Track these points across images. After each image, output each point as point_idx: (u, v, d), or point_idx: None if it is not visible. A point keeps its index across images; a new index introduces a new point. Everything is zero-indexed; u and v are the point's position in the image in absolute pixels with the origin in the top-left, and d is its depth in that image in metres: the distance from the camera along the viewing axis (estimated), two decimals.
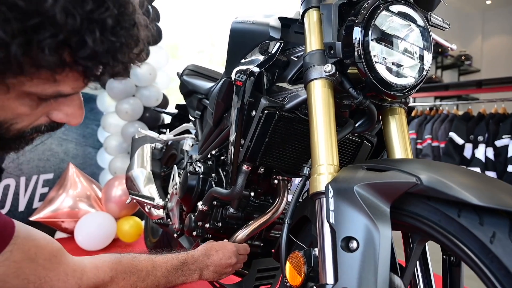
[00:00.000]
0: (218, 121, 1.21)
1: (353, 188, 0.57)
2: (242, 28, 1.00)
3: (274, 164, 0.90)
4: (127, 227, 2.25)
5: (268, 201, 1.09)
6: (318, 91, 0.72)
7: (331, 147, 0.68)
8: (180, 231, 1.30)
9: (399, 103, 0.81)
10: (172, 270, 0.86)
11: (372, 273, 0.53)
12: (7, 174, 2.17)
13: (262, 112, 0.83)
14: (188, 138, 1.48)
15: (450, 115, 3.53)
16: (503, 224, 0.44)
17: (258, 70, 0.84)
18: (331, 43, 0.73)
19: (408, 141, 0.79)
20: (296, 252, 0.67)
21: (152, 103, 2.64)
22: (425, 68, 0.75)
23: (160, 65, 2.73)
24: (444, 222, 0.50)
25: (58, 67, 0.45)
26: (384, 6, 0.71)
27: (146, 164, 1.64)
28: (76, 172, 2.37)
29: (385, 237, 0.54)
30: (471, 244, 0.46)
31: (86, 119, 2.67)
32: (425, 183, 0.50)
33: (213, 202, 1.05)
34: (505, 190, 0.48)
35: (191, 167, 1.17)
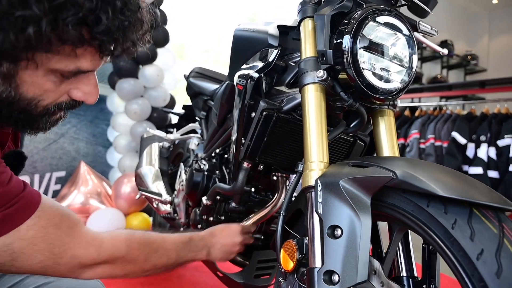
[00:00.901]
0: (222, 121, 1.29)
1: (339, 182, 0.64)
2: (244, 36, 1.07)
3: (273, 161, 0.98)
4: (136, 223, 2.34)
5: (268, 196, 1.16)
6: (311, 94, 0.79)
7: (322, 146, 0.75)
8: (186, 225, 1.38)
9: (388, 105, 0.87)
10: (180, 245, 0.88)
11: (353, 257, 0.59)
12: (22, 171, 2.27)
13: (261, 113, 0.90)
14: (194, 138, 1.55)
15: (453, 115, 3.56)
16: (464, 212, 0.51)
17: (257, 76, 0.92)
18: (323, 51, 0.80)
19: (395, 141, 0.86)
20: (289, 241, 0.74)
21: (159, 104, 2.73)
22: (410, 73, 0.82)
23: (167, 67, 2.81)
24: (416, 211, 0.57)
25: (79, 42, 0.53)
26: (372, 17, 0.78)
27: (154, 162, 1.73)
28: (87, 170, 2.46)
29: (366, 225, 0.60)
30: (437, 230, 0.53)
31: (96, 119, 2.77)
32: (400, 177, 0.57)
33: (217, 197, 1.13)
34: (469, 183, 0.55)
35: (196, 164, 1.25)
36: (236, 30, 1.11)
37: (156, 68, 2.66)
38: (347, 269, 0.60)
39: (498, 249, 0.45)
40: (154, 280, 1.79)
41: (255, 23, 1.15)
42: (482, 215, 0.50)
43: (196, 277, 1.83)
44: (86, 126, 2.71)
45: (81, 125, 2.66)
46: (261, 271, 1.10)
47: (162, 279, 1.81)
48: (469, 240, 0.48)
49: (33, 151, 2.34)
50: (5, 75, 0.53)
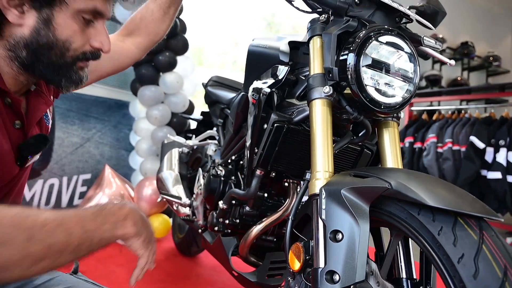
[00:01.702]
0: (238, 129, 1.37)
1: (340, 191, 0.71)
2: (257, 51, 1.15)
3: (284, 169, 1.05)
4: (157, 224, 2.45)
5: (280, 201, 1.23)
6: (318, 109, 0.86)
7: (327, 156, 0.81)
8: (204, 227, 1.47)
9: (392, 117, 0.93)
10: (87, 215, 0.63)
11: (352, 259, 0.66)
12: (51, 174, 2.42)
13: (272, 125, 0.98)
14: (212, 144, 1.64)
15: (472, 119, 3.53)
16: (449, 220, 0.57)
17: (269, 91, 0.99)
18: (330, 68, 0.86)
19: (398, 151, 0.92)
20: (297, 243, 0.81)
21: (179, 109, 2.84)
22: (412, 88, 0.87)
23: (186, 73, 2.92)
24: (409, 219, 0.63)
25: None
26: (375, 36, 0.84)
27: (174, 167, 1.83)
28: (112, 173, 2.59)
29: (364, 230, 0.67)
30: (426, 236, 0.59)
31: (119, 124, 2.91)
32: (394, 188, 0.63)
33: (232, 201, 1.21)
34: (457, 194, 0.61)
35: (213, 170, 1.33)
36: (250, 45, 1.19)
37: (175, 75, 2.77)
38: (346, 270, 0.66)
39: (476, 254, 0.51)
40: (173, 279, 1.89)
41: (269, 38, 1.23)
42: (465, 223, 0.55)
43: (213, 277, 1.91)
44: (110, 131, 2.85)
45: (105, 130, 2.80)
46: (274, 271, 1.17)
47: (181, 278, 1.90)
48: (452, 246, 0.54)
49: (61, 155, 2.49)
50: (45, 20, 0.67)
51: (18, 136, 0.74)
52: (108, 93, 2.80)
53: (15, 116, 0.73)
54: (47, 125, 0.85)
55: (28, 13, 0.67)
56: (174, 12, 1.06)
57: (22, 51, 0.69)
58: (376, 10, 0.90)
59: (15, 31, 0.68)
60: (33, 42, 0.69)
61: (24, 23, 0.68)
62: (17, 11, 0.67)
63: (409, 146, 3.75)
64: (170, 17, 1.05)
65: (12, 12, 0.66)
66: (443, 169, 3.48)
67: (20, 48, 0.69)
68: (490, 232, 0.54)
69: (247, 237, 1.12)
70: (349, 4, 0.89)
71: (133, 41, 1.02)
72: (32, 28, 0.68)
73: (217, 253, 1.32)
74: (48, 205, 2.41)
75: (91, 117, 2.69)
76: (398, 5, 0.91)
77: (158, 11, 1.02)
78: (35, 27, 0.68)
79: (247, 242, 1.12)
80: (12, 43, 0.69)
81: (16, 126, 0.73)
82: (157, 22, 1.02)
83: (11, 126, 0.72)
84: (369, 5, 0.90)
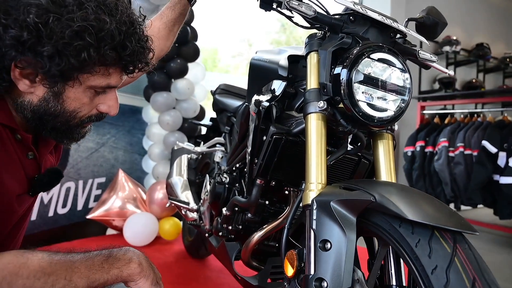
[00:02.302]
0: (242, 138, 1.42)
1: (330, 203, 0.75)
2: (258, 65, 1.20)
3: (283, 178, 1.09)
4: (168, 227, 2.52)
5: (282, 207, 1.27)
6: (313, 123, 0.90)
7: (320, 169, 0.85)
8: (210, 231, 1.52)
9: (386, 129, 0.97)
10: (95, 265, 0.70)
11: (340, 267, 0.70)
12: (68, 178, 2.53)
13: (271, 137, 1.03)
14: (218, 151, 1.70)
15: (485, 123, 3.49)
16: (427, 233, 0.60)
17: (267, 105, 1.04)
18: (324, 83, 0.91)
19: (392, 163, 0.95)
20: (292, 251, 0.85)
21: (190, 115, 2.92)
22: (403, 103, 0.90)
23: (197, 80, 3.00)
24: (392, 230, 0.67)
25: (113, 63, 0.70)
26: (367, 54, 0.87)
27: (183, 173, 1.89)
28: (125, 177, 2.68)
29: (351, 240, 0.71)
30: (406, 247, 0.63)
31: (133, 129, 3.00)
32: (378, 201, 0.67)
33: (235, 208, 1.26)
34: (437, 208, 0.64)
35: (218, 177, 1.39)
36: (252, 59, 1.24)
37: (187, 81, 2.85)
38: (334, 277, 0.70)
39: (448, 266, 0.55)
40: (182, 280, 1.95)
41: (271, 51, 1.27)
42: (440, 236, 0.59)
43: (221, 279, 1.97)
44: (124, 135, 2.95)
45: (119, 135, 2.90)
46: (275, 275, 1.22)
47: (190, 280, 1.96)
48: (427, 257, 0.57)
49: (77, 159, 2.59)
50: (56, 93, 0.70)
51: (32, 166, 0.78)
52: (122, 99, 2.89)
53: (27, 149, 0.77)
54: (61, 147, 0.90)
55: (39, 84, 0.69)
56: (177, 30, 1.12)
57: (28, 113, 0.72)
58: (370, 27, 0.94)
59: (24, 95, 0.71)
60: (40, 110, 0.71)
61: (33, 91, 0.70)
62: (28, 81, 0.69)
63: (420, 150, 3.74)
64: (174, 34, 1.11)
65: (23, 82, 0.68)
66: (455, 174, 3.45)
67: (27, 111, 0.71)
68: (464, 245, 0.58)
69: (249, 243, 1.17)
70: (344, 21, 0.93)
71: None
72: (41, 98, 0.70)
73: (222, 257, 1.38)
74: (65, 208, 2.52)
75: (105, 122, 2.79)
76: (391, 22, 0.94)
77: (164, 29, 1.08)
78: (44, 98, 0.70)
79: (248, 247, 1.17)
80: (19, 104, 0.71)
81: (30, 157, 0.77)
82: (163, 40, 1.08)
83: (24, 157, 0.76)
84: (364, 22, 0.94)
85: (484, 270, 0.55)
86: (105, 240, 2.60)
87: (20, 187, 0.75)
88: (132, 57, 0.72)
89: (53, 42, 0.63)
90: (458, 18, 4.98)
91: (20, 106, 0.71)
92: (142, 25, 0.76)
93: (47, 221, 2.42)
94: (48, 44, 0.63)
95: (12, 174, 0.72)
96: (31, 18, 0.62)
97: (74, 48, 0.64)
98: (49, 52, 0.63)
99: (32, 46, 0.63)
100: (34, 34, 0.63)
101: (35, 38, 0.63)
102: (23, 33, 0.62)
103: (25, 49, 0.64)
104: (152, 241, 2.51)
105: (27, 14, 0.62)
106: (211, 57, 5.37)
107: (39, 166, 0.80)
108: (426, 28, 1.09)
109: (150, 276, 0.74)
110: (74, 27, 0.64)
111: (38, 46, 0.63)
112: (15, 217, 0.78)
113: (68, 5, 0.65)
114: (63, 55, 0.64)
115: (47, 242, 2.33)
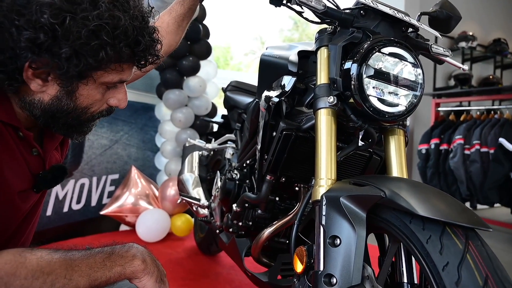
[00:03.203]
0: (253, 135, 1.42)
1: (339, 198, 0.74)
2: (268, 61, 1.19)
3: (293, 174, 1.09)
4: (179, 223, 2.55)
5: (293, 204, 1.27)
6: (323, 118, 0.89)
7: (330, 164, 0.85)
8: (221, 228, 1.53)
9: (397, 125, 0.95)
10: (97, 262, 0.68)
11: (349, 263, 0.69)
12: (82, 174, 2.57)
13: (281, 133, 1.02)
14: (229, 148, 1.70)
15: (502, 120, 3.41)
16: (438, 229, 0.59)
17: (277, 100, 1.03)
18: (334, 78, 0.90)
19: (403, 159, 0.94)
20: (301, 247, 0.85)
21: (202, 112, 2.93)
22: (415, 99, 0.89)
23: (209, 77, 3.01)
24: (402, 226, 0.66)
25: (128, 60, 0.71)
26: (378, 48, 0.86)
27: (194, 169, 1.90)
28: (138, 174, 2.71)
29: (361, 236, 0.70)
30: (417, 243, 0.62)
31: (145, 127, 3.03)
32: (388, 196, 0.66)
33: (245, 204, 1.26)
34: (449, 203, 0.63)
35: (229, 174, 1.39)
36: (262, 55, 1.23)
37: (199, 79, 2.86)
38: (343, 273, 0.70)
39: (460, 263, 0.54)
40: (193, 276, 1.97)
41: (281, 46, 1.27)
42: (452, 233, 0.58)
43: (231, 276, 1.98)
44: (137, 133, 2.98)
45: (132, 132, 2.93)
46: (285, 272, 1.22)
47: (201, 276, 1.98)
48: (438, 254, 0.56)
49: (91, 156, 2.63)
50: (69, 92, 0.70)
51: (37, 162, 0.78)
52: (135, 96, 2.93)
53: (31, 146, 0.76)
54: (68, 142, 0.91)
55: (52, 83, 0.68)
56: (186, 25, 1.12)
57: (37, 111, 0.70)
58: (381, 21, 0.92)
59: (34, 94, 0.69)
60: (52, 108, 0.70)
61: (45, 90, 0.69)
62: (41, 80, 0.67)
63: (435, 148, 3.67)
64: (183, 29, 1.11)
65: (35, 82, 0.67)
66: (470, 172, 3.39)
67: (37, 109, 0.70)
68: (476, 242, 0.57)
69: (259, 239, 1.17)
70: (354, 16, 0.92)
71: None
72: (53, 97, 0.69)
73: (232, 253, 1.38)
74: (80, 204, 2.56)
75: (119, 120, 2.82)
76: (403, 16, 0.93)
77: (173, 24, 1.09)
78: (56, 96, 0.69)
79: (258, 243, 1.17)
80: (28, 102, 0.70)
81: (34, 153, 0.76)
82: (172, 35, 1.09)
83: (29, 154, 0.75)
84: (374, 16, 0.92)
85: (497, 267, 0.53)
86: (118, 236, 2.64)
87: (23, 184, 0.75)
88: (145, 52, 0.73)
89: (70, 43, 0.62)
90: (474, 13, 4.87)
91: (29, 105, 0.70)
92: (150, 17, 0.76)
93: (62, 216, 2.47)
94: (65, 45, 0.62)
95: (14, 171, 0.72)
96: (46, 19, 0.61)
97: (91, 48, 0.64)
98: (67, 53, 0.63)
99: (48, 47, 0.62)
100: (50, 35, 0.62)
101: (51, 39, 0.62)
102: (39, 34, 0.61)
103: (42, 51, 0.63)
104: (164, 237, 2.53)
105: (41, 14, 0.61)
106: (223, 55, 5.37)
107: (44, 162, 0.79)
108: (439, 22, 1.07)
109: (155, 273, 0.72)
110: (91, 27, 0.63)
111: (55, 47, 0.62)
112: (20, 214, 0.78)
113: (82, 3, 0.63)
114: (81, 55, 0.64)
115: (61, 237, 2.38)
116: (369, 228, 0.74)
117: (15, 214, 0.77)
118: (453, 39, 4.61)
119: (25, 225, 0.83)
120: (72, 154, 2.49)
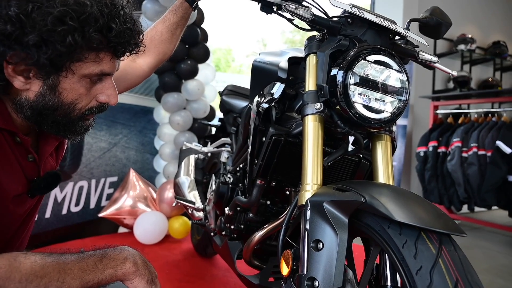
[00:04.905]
0: (246, 139, 1.44)
1: (323, 203, 0.76)
2: (260, 67, 1.22)
3: (283, 179, 1.11)
4: (177, 225, 2.57)
5: (285, 208, 1.29)
6: (310, 124, 0.91)
7: (316, 170, 0.87)
8: (215, 230, 1.55)
9: (384, 131, 0.97)
10: (89, 266, 0.70)
11: (331, 267, 0.71)
12: (81, 177, 2.60)
13: (270, 138, 1.04)
14: (224, 151, 1.72)
15: (499, 123, 3.42)
16: (413, 234, 0.61)
17: (266, 106, 1.06)
18: (321, 85, 0.92)
19: (390, 164, 0.95)
20: (287, 250, 0.87)
21: (200, 115, 2.95)
22: (401, 104, 0.91)
23: (207, 80, 3.04)
24: (381, 231, 0.67)
25: (100, 46, 0.71)
26: (363, 56, 0.88)
27: (190, 173, 1.93)
28: (136, 176, 2.74)
29: (342, 240, 0.72)
30: (394, 247, 0.63)
31: (144, 129, 3.06)
32: (368, 202, 0.68)
33: (237, 208, 1.28)
34: (426, 209, 0.65)
35: (223, 178, 1.41)
36: (254, 61, 1.26)
37: (197, 82, 2.88)
38: (325, 277, 0.72)
39: (432, 267, 0.55)
40: (190, 278, 1.99)
41: (273, 52, 1.29)
42: (427, 238, 0.60)
43: (227, 278, 2.00)
44: (136, 135, 3.01)
45: (131, 135, 2.96)
46: (276, 274, 1.23)
47: (197, 278, 2.00)
48: (413, 258, 0.58)
49: (90, 159, 2.66)
50: (51, 86, 0.71)
51: (32, 168, 0.80)
52: (134, 100, 2.96)
53: (27, 151, 0.78)
54: (64, 146, 0.92)
55: (34, 79, 0.70)
56: (180, 33, 1.14)
57: (27, 110, 0.73)
58: (368, 29, 0.94)
59: (21, 93, 0.72)
60: (38, 106, 0.72)
61: (29, 88, 0.71)
62: (23, 77, 0.69)
63: (433, 150, 3.68)
64: (176, 38, 1.14)
65: (18, 79, 0.69)
66: (468, 174, 3.40)
67: (25, 108, 0.72)
68: (449, 247, 0.58)
69: (250, 242, 1.19)
70: (342, 24, 0.94)
71: (143, 61, 1.10)
72: (37, 93, 0.71)
73: (225, 256, 1.40)
74: (78, 206, 2.59)
75: (117, 123, 2.85)
76: (389, 24, 0.94)
77: (167, 33, 1.11)
78: (40, 92, 0.71)
79: (250, 246, 1.19)
80: (17, 103, 0.72)
81: (30, 159, 0.78)
82: (166, 43, 1.11)
83: (25, 160, 0.77)
84: (361, 24, 0.94)
85: (468, 272, 0.55)
86: (116, 238, 2.66)
87: (18, 188, 0.77)
88: (119, 38, 0.72)
89: (36, 31, 0.64)
90: (473, 15, 4.88)
91: (19, 105, 0.72)
92: (127, 8, 0.76)
93: (60, 219, 2.49)
94: (32, 33, 0.64)
95: (9, 175, 0.74)
96: (13, 11, 0.63)
97: (58, 33, 0.65)
98: (34, 40, 0.64)
99: (17, 38, 0.64)
100: (17, 26, 0.63)
101: (19, 29, 0.64)
102: (6, 26, 0.63)
103: (12, 43, 0.64)
104: (162, 240, 2.56)
105: (8, 7, 0.63)
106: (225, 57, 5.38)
107: (39, 169, 0.81)
108: (429, 29, 1.09)
109: (146, 275, 0.74)
110: (55, 13, 0.64)
111: (23, 37, 0.64)
112: (16, 218, 0.80)
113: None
114: (49, 42, 0.65)
115: (60, 239, 2.41)
116: (353, 232, 0.76)
117: (11, 218, 0.79)
118: (452, 41, 4.63)
119: (20, 230, 0.85)
120: (71, 157, 2.52)
